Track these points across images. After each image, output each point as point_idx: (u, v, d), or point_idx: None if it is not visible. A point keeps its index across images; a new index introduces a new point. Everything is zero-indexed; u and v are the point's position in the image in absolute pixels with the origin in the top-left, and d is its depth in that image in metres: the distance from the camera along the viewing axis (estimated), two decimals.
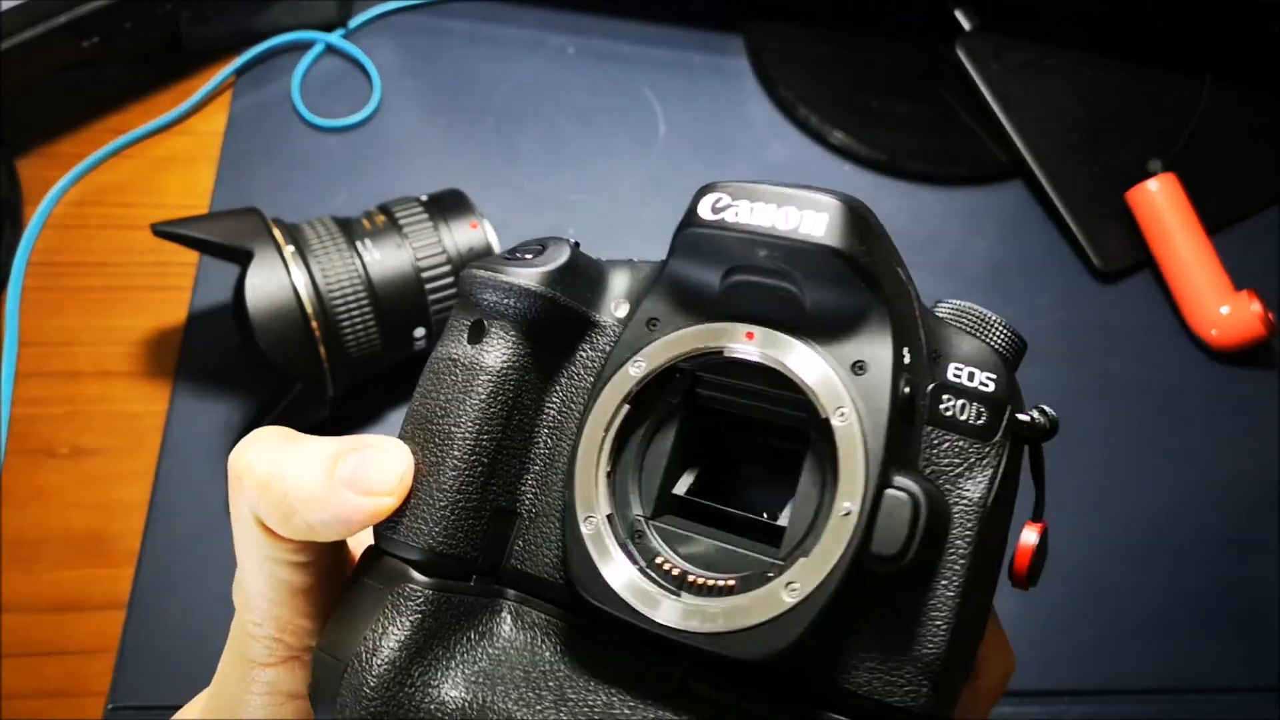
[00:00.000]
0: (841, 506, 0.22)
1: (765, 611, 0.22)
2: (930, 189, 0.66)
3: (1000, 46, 0.67)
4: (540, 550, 0.26)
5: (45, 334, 0.58)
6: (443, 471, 0.25)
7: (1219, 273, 0.60)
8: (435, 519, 0.25)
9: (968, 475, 0.24)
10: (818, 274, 0.23)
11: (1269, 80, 0.68)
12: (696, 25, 0.72)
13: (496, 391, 0.26)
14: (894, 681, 0.23)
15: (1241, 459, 0.57)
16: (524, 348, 0.26)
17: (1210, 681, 0.50)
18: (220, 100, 0.68)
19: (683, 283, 0.25)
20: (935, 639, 0.23)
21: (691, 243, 0.24)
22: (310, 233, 0.50)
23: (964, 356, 0.25)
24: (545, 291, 0.26)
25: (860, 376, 0.23)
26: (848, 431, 0.22)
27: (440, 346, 0.27)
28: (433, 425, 0.26)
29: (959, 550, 0.23)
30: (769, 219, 0.23)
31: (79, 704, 0.48)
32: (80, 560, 0.51)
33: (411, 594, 0.25)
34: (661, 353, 0.25)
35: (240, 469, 0.25)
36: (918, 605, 0.23)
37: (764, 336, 0.24)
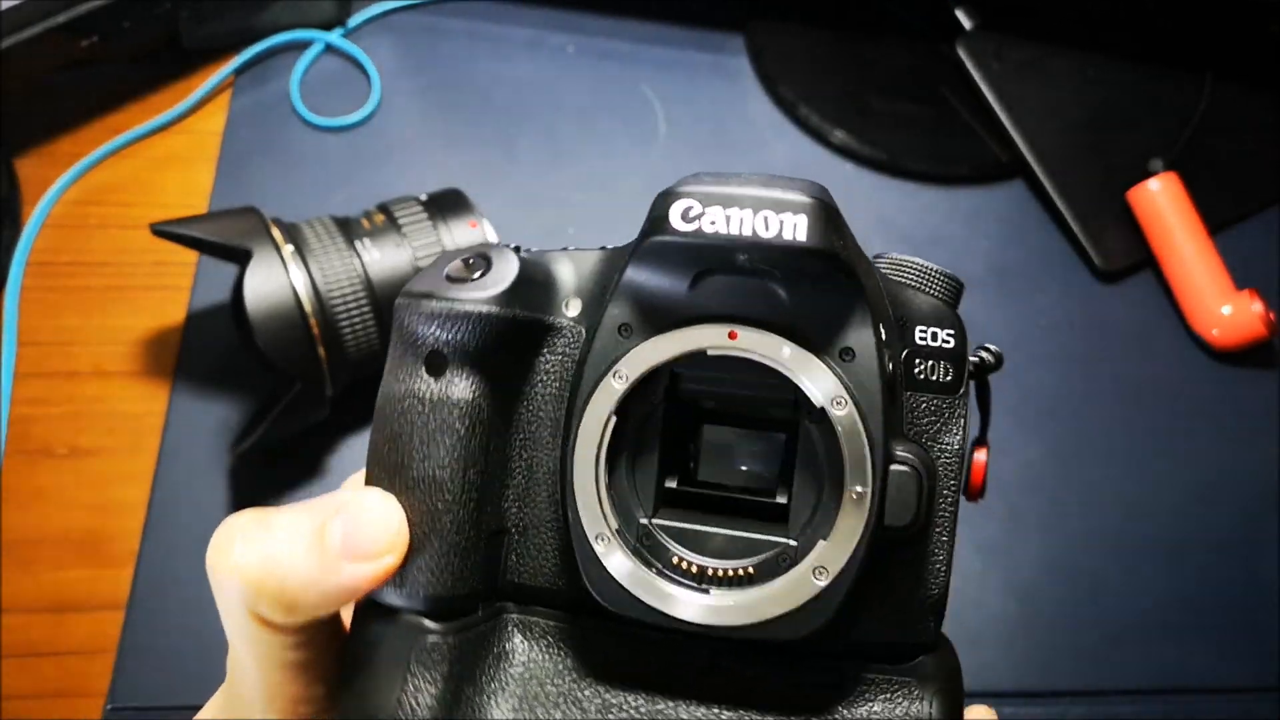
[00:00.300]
0: (854, 489, 0.23)
1: (798, 597, 0.23)
2: (931, 188, 0.66)
3: (1001, 46, 0.67)
4: (535, 560, 0.26)
5: (44, 334, 0.58)
6: (438, 518, 0.25)
7: (1220, 272, 0.60)
8: (438, 566, 0.24)
9: (944, 430, 0.26)
10: (799, 272, 0.24)
11: (1270, 79, 0.68)
12: (696, 25, 0.72)
13: (473, 425, 0.25)
14: (905, 624, 0.25)
15: (1241, 459, 0.57)
16: (488, 370, 0.25)
17: (1210, 681, 0.50)
18: (219, 100, 0.68)
19: (650, 285, 0.25)
20: (937, 580, 0.25)
21: (660, 251, 0.24)
22: (309, 232, 0.50)
23: (924, 317, 0.26)
24: (504, 313, 0.25)
25: (849, 363, 0.24)
26: (848, 419, 0.23)
27: (395, 383, 0.25)
28: (414, 471, 0.25)
29: (947, 499, 0.25)
30: (747, 226, 0.23)
31: (78, 704, 0.48)
32: (79, 560, 0.51)
33: (434, 647, 0.24)
34: (642, 360, 0.24)
35: (225, 571, 0.23)
36: (920, 556, 0.25)
37: (747, 335, 0.24)
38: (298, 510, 0.24)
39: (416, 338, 0.25)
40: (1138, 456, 0.57)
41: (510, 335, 0.25)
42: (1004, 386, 0.62)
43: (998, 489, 0.55)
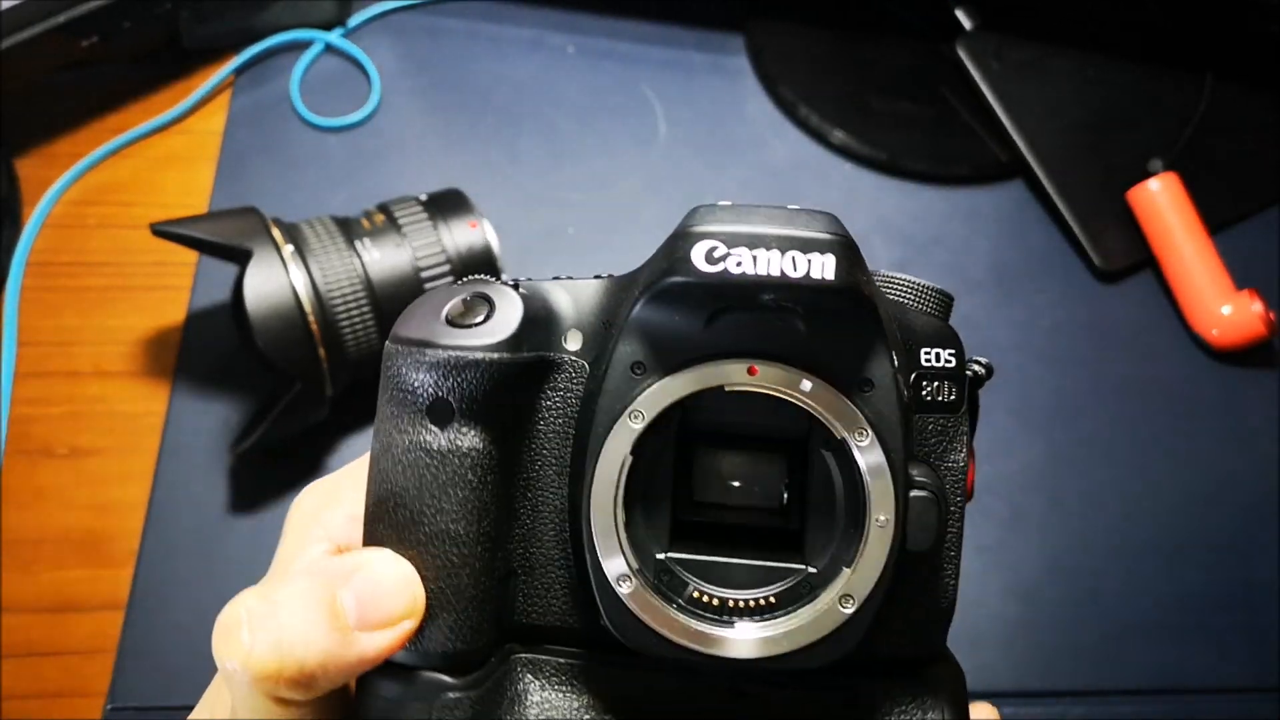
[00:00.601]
0: (877, 518, 0.24)
1: (827, 625, 0.24)
2: (931, 188, 0.66)
3: (1001, 46, 0.67)
4: (543, 599, 0.26)
5: (44, 334, 0.58)
6: (454, 573, 0.24)
7: (1220, 272, 0.60)
8: (456, 623, 0.24)
9: (950, 448, 0.26)
10: (824, 310, 0.23)
11: (1270, 79, 0.68)
12: (696, 25, 0.72)
13: (485, 474, 0.24)
14: (918, 638, 0.26)
15: (1241, 459, 0.57)
16: (496, 417, 0.24)
17: (1210, 681, 0.50)
18: (219, 100, 0.68)
19: (664, 322, 0.24)
20: (948, 592, 0.26)
21: (683, 292, 0.23)
22: (309, 232, 0.50)
23: (928, 338, 0.26)
24: (513, 359, 0.24)
25: (868, 394, 0.24)
26: (871, 450, 0.24)
27: (395, 433, 0.24)
28: (426, 527, 0.24)
29: (955, 515, 0.26)
30: (775, 267, 0.22)
31: (78, 704, 0.48)
32: (79, 560, 0.51)
33: (455, 703, 0.24)
34: (658, 400, 0.24)
35: (241, 660, 0.22)
36: (933, 572, 0.26)
37: (767, 370, 0.24)
38: (304, 580, 0.23)
39: (416, 387, 0.24)
40: (1138, 456, 0.57)
41: (517, 379, 0.25)
42: (1004, 386, 0.63)
43: (998, 489, 0.55)
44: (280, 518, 0.56)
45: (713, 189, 0.65)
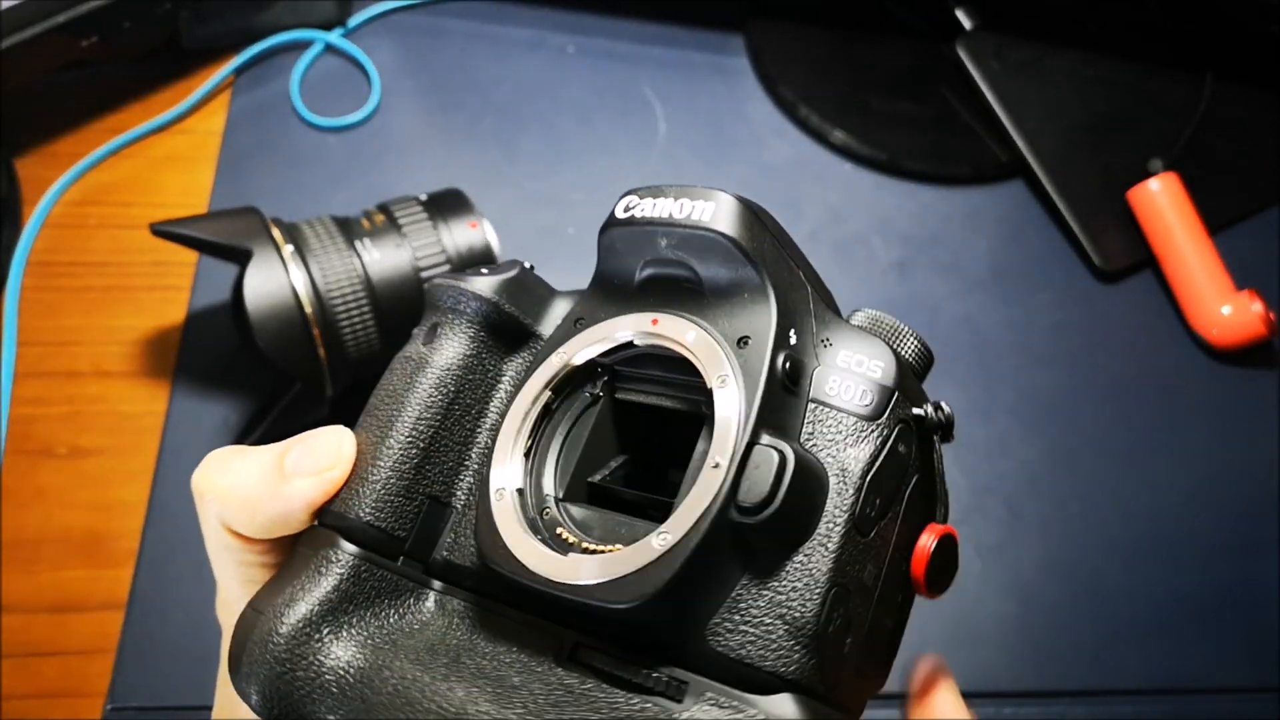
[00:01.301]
0: (712, 460, 0.23)
1: (636, 560, 0.23)
2: (931, 188, 0.66)
3: (1001, 46, 0.67)
4: (468, 541, 0.27)
5: (44, 334, 0.58)
6: (380, 450, 0.27)
7: (1220, 272, 0.60)
8: (366, 493, 0.27)
9: (848, 447, 0.24)
10: (708, 256, 0.25)
11: (1270, 79, 0.68)
12: (696, 25, 0.72)
13: (439, 384, 0.28)
14: (766, 644, 0.23)
15: (1241, 459, 0.57)
16: (469, 348, 0.28)
17: (1210, 681, 0.50)
18: (219, 100, 0.68)
19: (607, 283, 0.28)
20: (807, 601, 0.23)
21: (608, 242, 0.27)
22: (309, 232, 0.50)
23: (857, 348, 0.26)
24: (491, 297, 0.28)
25: (743, 349, 0.25)
26: (726, 395, 0.24)
27: (402, 350, 0.29)
28: (379, 412, 0.28)
29: (834, 518, 0.24)
30: (666, 210, 0.26)
31: (78, 704, 0.48)
32: (79, 560, 0.51)
33: (335, 558, 0.26)
34: (580, 343, 0.27)
35: (202, 486, 0.28)
36: (792, 569, 0.23)
37: (666, 321, 0.26)
38: (270, 446, 0.28)
39: (428, 313, 0.29)
40: (1137, 456, 0.57)
41: (493, 321, 0.29)
42: (1004, 386, 0.63)
43: (997, 489, 0.55)
44: None
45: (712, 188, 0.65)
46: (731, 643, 0.23)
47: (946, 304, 0.62)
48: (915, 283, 0.62)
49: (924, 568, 0.25)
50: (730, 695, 0.23)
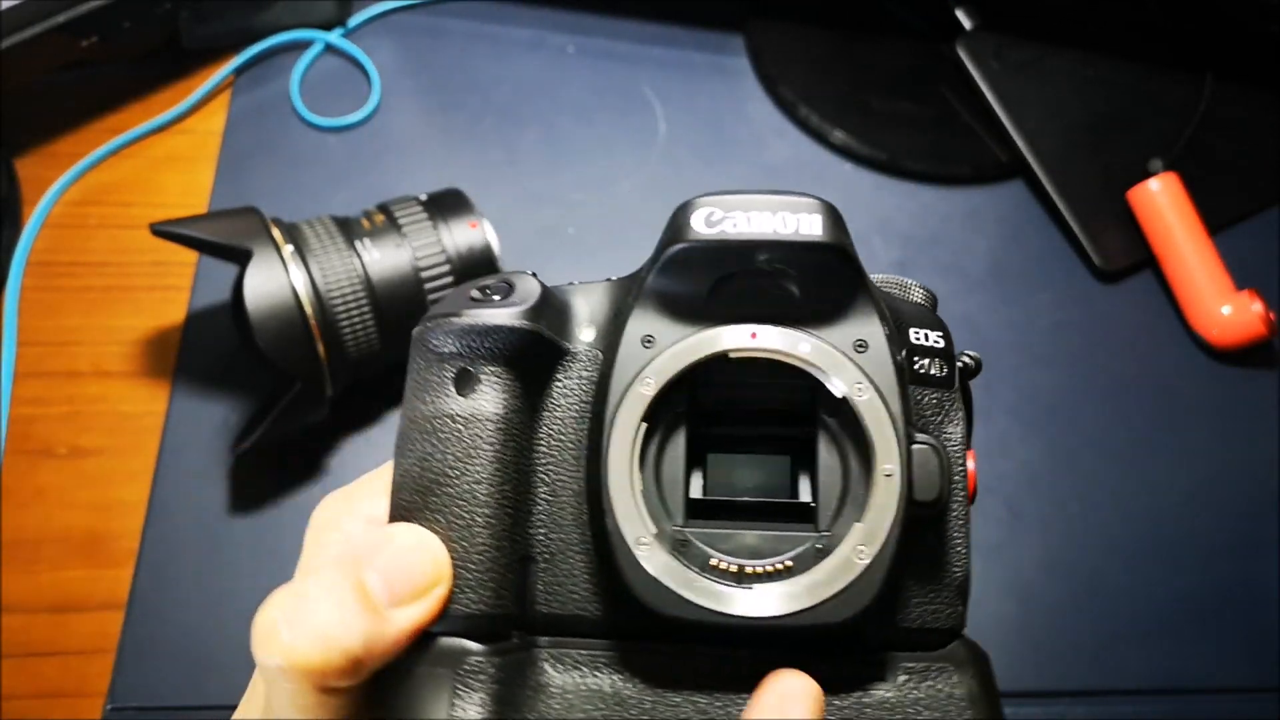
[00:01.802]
0: (883, 469, 0.24)
1: (843, 578, 0.24)
2: (931, 188, 0.66)
3: (1001, 46, 0.67)
4: (564, 588, 0.26)
5: (44, 334, 0.58)
6: (475, 533, 0.25)
7: (1220, 272, 0.60)
8: (477, 584, 0.24)
9: (947, 420, 0.27)
10: (814, 268, 0.25)
11: (1270, 79, 0.68)
12: (696, 25, 0.72)
13: (506, 440, 0.25)
14: (937, 609, 0.26)
15: (1241, 459, 0.57)
16: (516, 388, 0.26)
17: (1210, 681, 0.50)
18: (219, 100, 0.68)
19: (670, 295, 0.26)
20: (960, 562, 0.26)
21: (685, 257, 0.25)
22: (309, 232, 0.50)
23: (915, 320, 0.28)
24: (531, 327, 0.26)
25: (863, 354, 0.25)
26: (870, 404, 0.25)
27: (421, 405, 0.26)
28: (448, 488, 0.25)
29: (957, 485, 0.26)
30: (769, 225, 0.25)
31: (78, 704, 0.48)
32: (79, 560, 0.51)
33: (476, 667, 0.24)
34: (668, 367, 0.25)
35: (285, 657, 0.22)
36: (942, 539, 0.26)
37: (767, 334, 0.25)
38: (330, 570, 0.24)
39: (443, 358, 0.26)
40: (1137, 456, 0.57)
41: (534, 352, 0.26)
42: (1003, 386, 0.63)
43: (997, 489, 0.55)
44: (280, 517, 0.57)
45: (712, 188, 0.65)
46: (909, 617, 0.26)
47: (946, 304, 0.61)
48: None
49: (973, 488, 0.28)
50: (919, 659, 0.25)
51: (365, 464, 0.55)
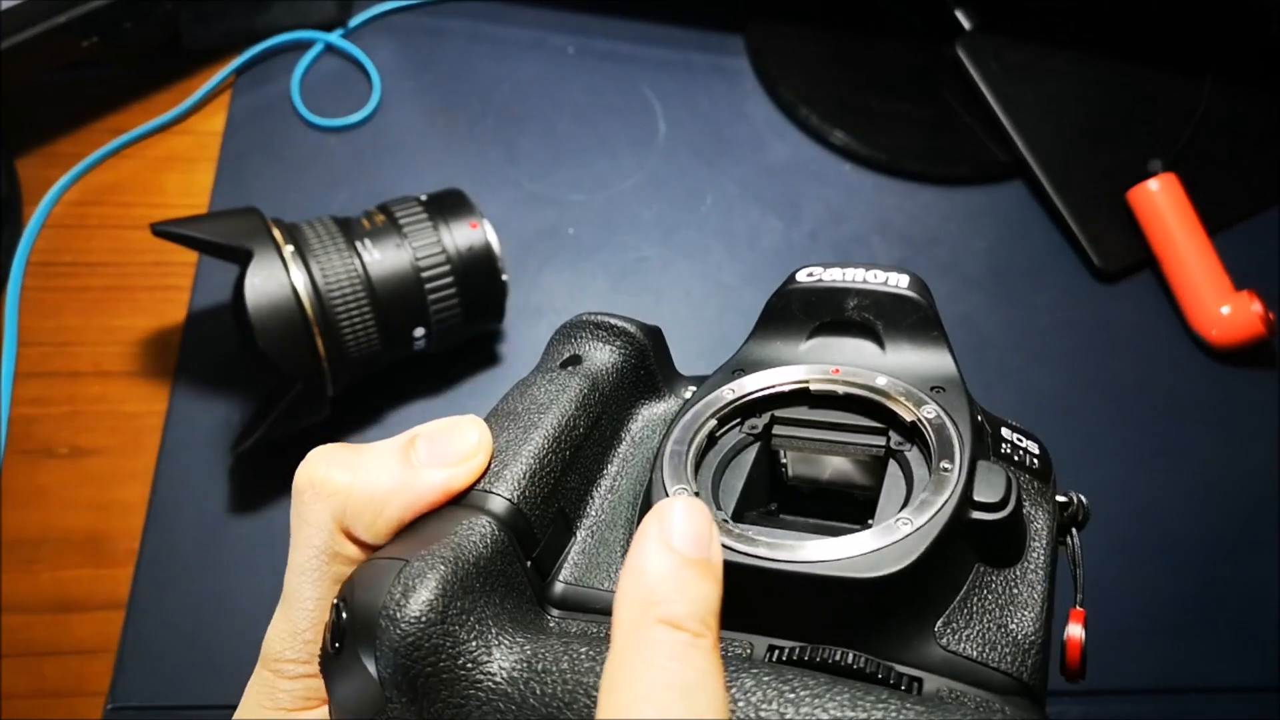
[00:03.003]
0: (942, 465, 0.24)
1: (882, 539, 0.22)
2: (930, 189, 0.66)
3: (1000, 46, 0.67)
4: (597, 568, 0.25)
5: (44, 334, 0.58)
6: (526, 443, 0.25)
7: (1219, 273, 0.60)
8: (511, 478, 0.25)
9: (1034, 505, 0.26)
10: (898, 320, 0.27)
11: (1270, 80, 0.68)
12: (696, 25, 0.72)
13: (586, 400, 0.27)
14: (1000, 652, 0.23)
15: (1241, 459, 0.57)
16: (611, 380, 0.28)
17: (1210, 681, 0.50)
18: (219, 100, 0.68)
19: (768, 341, 0.28)
20: (1032, 624, 0.24)
21: (785, 301, 0.28)
22: (310, 232, 0.50)
23: (1009, 424, 0.29)
24: (641, 339, 0.29)
25: (941, 394, 0.26)
26: (937, 420, 0.25)
27: (533, 375, 0.28)
28: (521, 415, 0.26)
29: (1038, 557, 0.25)
30: (860, 277, 0.28)
31: (78, 704, 0.48)
32: (80, 560, 0.51)
33: (485, 527, 0.23)
34: (751, 384, 0.27)
35: (316, 482, 0.24)
36: (1015, 591, 0.24)
37: (849, 371, 0.27)
38: (386, 441, 0.25)
39: (560, 346, 0.29)
40: (1137, 456, 0.57)
41: (634, 365, 0.29)
42: (1003, 386, 0.63)
43: None
44: (281, 517, 0.56)
45: (712, 189, 0.65)
46: (958, 642, 0.23)
47: (946, 304, 0.61)
48: None
49: (1079, 656, 0.26)
50: (968, 692, 0.22)
51: None
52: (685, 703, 0.18)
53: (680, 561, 0.20)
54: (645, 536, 0.20)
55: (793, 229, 0.64)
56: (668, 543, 0.20)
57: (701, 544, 0.20)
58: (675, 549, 0.20)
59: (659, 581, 0.20)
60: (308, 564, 0.25)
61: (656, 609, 0.19)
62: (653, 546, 0.20)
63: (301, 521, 0.25)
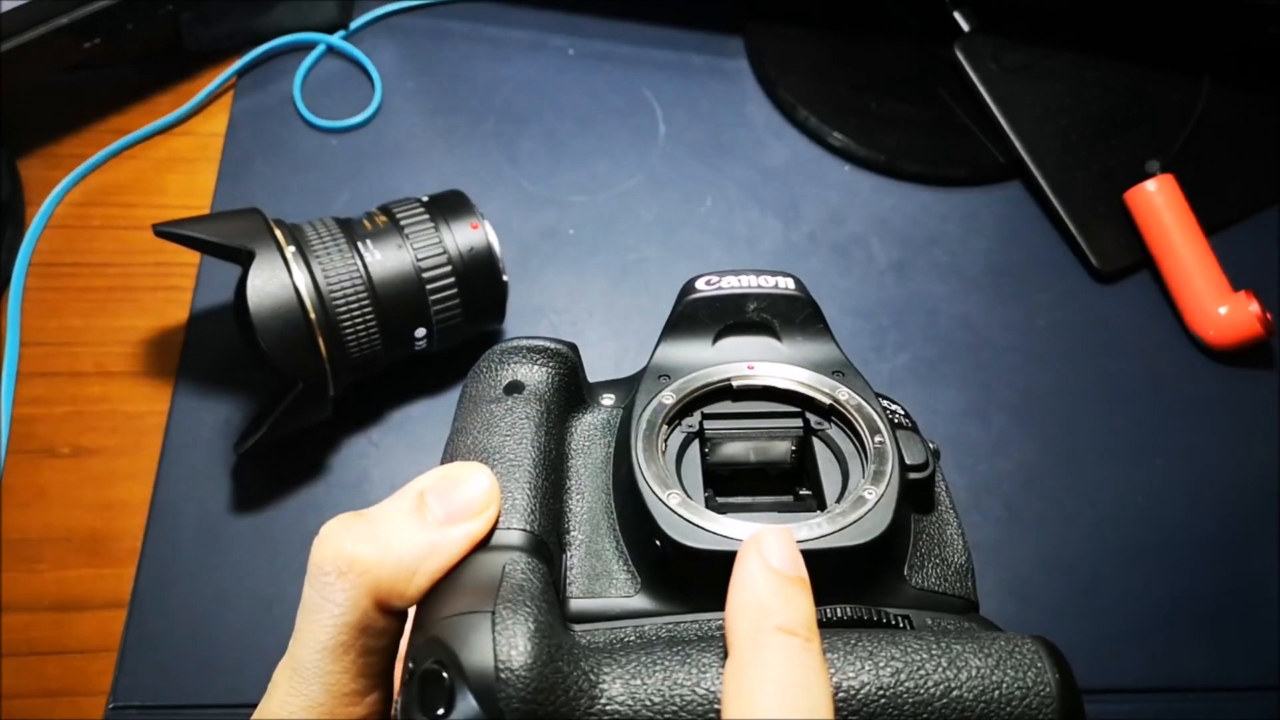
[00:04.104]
0: (874, 441, 0.28)
1: (858, 510, 0.26)
2: (929, 189, 0.66)
3: (999, 48, 0.67)
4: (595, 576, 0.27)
5: (47, 334, 0.59)
6: (520, 470, 0.27)
7: (1217, 273, 0.60)
8: (527, 508, 0.26)
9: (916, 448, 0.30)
10: (791, 317, 0.31)
11: (1268, 81, 0.68)
12: (696, 26, 0.73)
13: (546, 430, 0.29)
14: (950, 581, 0.28)
15: (1241, 459, 0.57)
16: (555, 398, 0.30)
17: (1210, 681, 0.50)
18: (221, 101, 0.68)
19: (680, 345, 0.31)
20: (961, 550, 0.29)
21: (692, 310, 0.31)
22: (311, 233, 0.50)
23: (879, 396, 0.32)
24: (570, 355, 0.32)
25: (842, 377, 0.30)
26: (854, 400, 0.30)
27: (477, 407, 0.30)
28: (497, 448, 0.28)
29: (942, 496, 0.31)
30: (753, 284, 0.32)
31: (80, 703, 0.48)
32: (81, 560, 0.52)
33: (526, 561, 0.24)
34: (684, 387, 0.30)
35: (343, 562, 0.24)
36: (941, 530, 0.30)
37: (762, 366, 0.31)
38: (386, 502, 0.26)
39: (496, 372, 0.31)
40: (1135, 456, 0.57)
41: (571, 380, 0.31)
42: (1001, 386, 0.63)
43: (995, 489, 0.55)
44: (283, 517, 0.57)
45: (712, 190, 0.66)
46: (923, 580, 0.28)
47: (944, 305, 0.62)
48: (913, 284, 0.62)
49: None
50: (944, 618, 0.27)
51: (368, 463, 0.55)
52: (806, 699, 0.21)
53: (783, 579, 0.23)
54: (748, 560, 0.23)
55: (792, 230, 0.64)
56: (768, 564, 0.23)
57: (795, 563, 0.23)
58: (776, 568, 0.23)
59: (769, 596, 0.23)
60: (334, 641, 0.25)
61: (771, 619, 0.22)
62: (756, 566, 0.23)
63: (325, 601, 0.25)
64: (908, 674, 0.22)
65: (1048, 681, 0.23)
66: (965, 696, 0.22)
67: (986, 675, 0.23)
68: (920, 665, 0.23)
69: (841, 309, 0.61)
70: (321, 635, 0.25)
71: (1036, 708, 0.23)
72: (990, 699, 0.22)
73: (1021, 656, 0.23)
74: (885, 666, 0.23)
